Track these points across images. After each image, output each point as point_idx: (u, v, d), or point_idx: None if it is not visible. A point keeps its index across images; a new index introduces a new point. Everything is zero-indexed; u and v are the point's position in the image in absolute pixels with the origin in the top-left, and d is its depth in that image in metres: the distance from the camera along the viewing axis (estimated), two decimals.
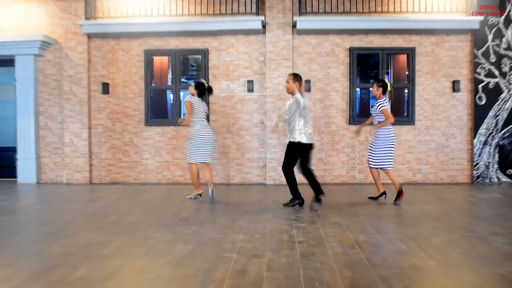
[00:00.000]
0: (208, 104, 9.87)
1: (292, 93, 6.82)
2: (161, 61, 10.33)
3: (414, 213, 6.62)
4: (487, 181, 9.71)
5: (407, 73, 9.91)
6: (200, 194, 7.86)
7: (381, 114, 7.28)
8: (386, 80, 7.47)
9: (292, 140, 6.82)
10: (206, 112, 7.76)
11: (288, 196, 8.01)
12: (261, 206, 7.18)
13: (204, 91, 7.78)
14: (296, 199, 7.03)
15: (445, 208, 7.04)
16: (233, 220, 6.10)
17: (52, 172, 10.27)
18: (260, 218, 6.21)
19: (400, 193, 7.23)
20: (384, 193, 7.64)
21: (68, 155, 10.03)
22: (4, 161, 10.64)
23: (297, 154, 6.83)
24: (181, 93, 10.28)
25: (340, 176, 9.78)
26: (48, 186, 9.77)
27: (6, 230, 5.66)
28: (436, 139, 9.81)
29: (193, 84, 7.85)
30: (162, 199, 7.99)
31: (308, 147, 6.83)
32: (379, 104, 7.28)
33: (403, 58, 10.04)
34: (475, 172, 9.71)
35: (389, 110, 7.26)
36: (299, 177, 7.01)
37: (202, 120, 7.61)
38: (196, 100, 7.61)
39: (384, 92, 7.36)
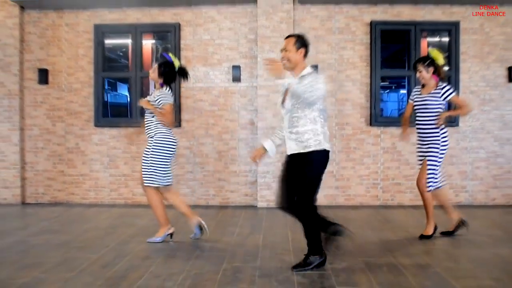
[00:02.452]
0: (177, 97, 7.35)
1: (294, 68, 3.92)
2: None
3: (490, 266, 4.08)
4: None
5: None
6: (171, 234, 5.08)
7: (441, 105, 5.01)
8: (435, 53, 5.05)
9: (305, 150, 3.84)
10: None
11: (286, 230, 5.46)
12: (245, 257, 4.62)
13: (174, 76, 5.09)
14: (317, 254, 3.95)
15: None
16: None
17: None
18: (245, 278, 3.66)
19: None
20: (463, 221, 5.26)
21: None
22: None
23: (319, 174, 3.96)
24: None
25: (358, 195, 7.28)
26: None
27: None
28: (487, 145, 7.37)
29: (155, 65, 5.08)
30: (104, 232, 5.49)
31: (327, 158, 3.97)
32: (446, 90, 4.98)
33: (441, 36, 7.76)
34: None
35: None
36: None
37: None
38: (171, 95, 5.03)
39: (435, 72, 5.02)
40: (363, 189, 7.30)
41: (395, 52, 9.11)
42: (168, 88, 4.98)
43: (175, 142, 5.01)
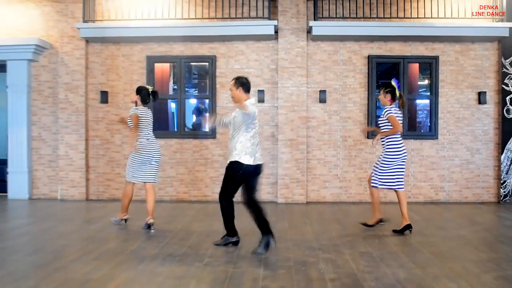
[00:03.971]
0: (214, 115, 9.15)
1: (239, 102, 5.35)
2: (162, 68, 9.63)
3: (450, 240, 5.90)
4: None
5: (425, 82, 9.26)
6: (125, 220, 6.90)
7: (389, 124, 6.18)
8: (394, 85, 6.36)
9: (232, 159, 5.34)
10: (151, 124, 6.74)
11: (304, 218, 7.33)
12: (279, 234, 6.41)
13: (148, 97, 6.70)
14: (231, 236, 5.57)
15: (482, 234, 6.36)
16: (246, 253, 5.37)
17: (46, 187, 9.51)
18: (282, 247, 5.46)
19: (406, 228, 6.22)
20: (382, 220, 6.61)
21: (63, 169, 9.29)
22: None
23: (239, 179, 5.37)
24: (186, 103, 9.53)
25: (357, 194, 9.07)
26: (41, 203, 9.01)
27: None
28: (461, 154, 9.13)
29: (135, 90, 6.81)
30: (166, 220, 7.26)
31: (254, 170, 5.36)
32: (386, 111, 6.22)
33: (425, 67, 9.39)
34: (502, 191, 9.01)
35: (398, 118, 6.20)
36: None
37: (149, 132, 6.67)
38: (142, 110, 6.63)
39: (393, 99, 6.33)
40: (362, 189, 9.07)
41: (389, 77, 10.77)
42: (143, 106, 6.62)
43: (148, 148, 6.64)
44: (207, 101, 9.46)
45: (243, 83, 5.43)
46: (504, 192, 9.01)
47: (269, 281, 4.22)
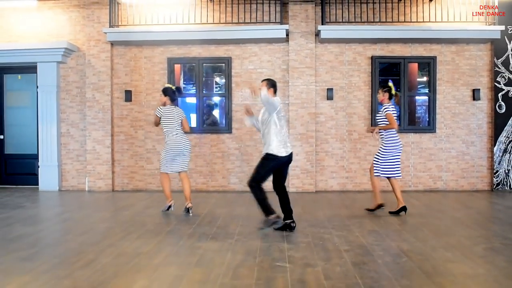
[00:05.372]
0: (230, 111, 9.93)
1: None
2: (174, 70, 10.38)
3: (447, 221, 6.71)
4: (507, 188, 9.79)
5: (424, 80, 10.04)
6: (170, 206, 7.53)
7: (386, 120, 7.09)
8: (391, 85, 7.26)
9: (269, 152, 6.06)
10: (180, 118, 7.34)
11: (315, 205, 8.15)
12: (295, 216, 7.22)
13: (174, 95, 7.45)
14: (272, 214, 6.09)
15: (475, 216, 7.14)
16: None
17: (74, 180, 10.29)
18: (299, 227, 6.26)
19: (402, 210, 7.12)
20: (381, 205, 7.31)
21: (91, 162, 10.06)
22: (26, 169, 10.63)
23: (272, 169, 6.19)
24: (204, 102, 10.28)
25: (362, 183, 9.86)
26: (71, 194, 9.79)
27: (45, 241, 5.72)
28: (457, 146, 9.90)
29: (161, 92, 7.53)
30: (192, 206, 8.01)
31: (287, 160, 6.19)
32: (384, 108, 7.13)
33: (423, 66, 10.15)
34: (495, 180, 9.80)
35: (395, 115, 7.11)
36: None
37: (176, 128, 7.29)
38: (164, 110, 7.32)
39: (390, 98, 7.24)
40: (366, 179, 9.83)
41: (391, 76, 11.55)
42: (173, 105, 7.39)
43: (176, 142, 7.29)
44: (223, 98, 10.23)
45: (273, 84, 6.22)
46: (497, 181, 9.81)
47: (293, 252, 5.02)
